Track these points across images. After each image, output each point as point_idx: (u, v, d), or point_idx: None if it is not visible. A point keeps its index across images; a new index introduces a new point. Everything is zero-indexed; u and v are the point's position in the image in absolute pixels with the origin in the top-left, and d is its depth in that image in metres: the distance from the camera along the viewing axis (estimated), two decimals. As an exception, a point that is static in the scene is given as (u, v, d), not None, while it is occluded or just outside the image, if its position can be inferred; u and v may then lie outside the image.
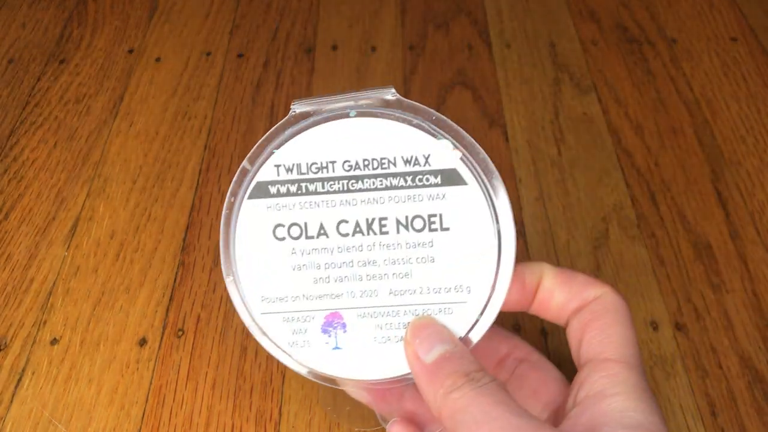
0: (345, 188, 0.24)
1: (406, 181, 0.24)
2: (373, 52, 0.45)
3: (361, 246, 0.24)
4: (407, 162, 0.24)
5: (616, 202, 0.37)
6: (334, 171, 0.24)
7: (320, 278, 0.25)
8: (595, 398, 0.22)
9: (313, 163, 0.24)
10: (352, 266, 0.24)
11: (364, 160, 0.24)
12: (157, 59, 0.45)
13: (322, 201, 0.24)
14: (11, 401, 0.30)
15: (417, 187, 0.24)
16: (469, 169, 0.24)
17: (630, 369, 0.23)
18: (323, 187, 0.24)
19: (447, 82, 0.43)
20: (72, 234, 0.36)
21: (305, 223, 0.24)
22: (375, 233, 0.24)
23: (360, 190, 0.24)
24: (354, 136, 0.24)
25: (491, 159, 0.24)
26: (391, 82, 0.43)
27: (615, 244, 0.35)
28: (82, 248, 0.35)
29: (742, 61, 0.44)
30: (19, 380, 0.31)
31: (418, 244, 0.24)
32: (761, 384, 0.30)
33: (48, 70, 0.44)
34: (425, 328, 0.24)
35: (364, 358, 0.24)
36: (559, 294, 0.25)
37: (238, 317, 0.25)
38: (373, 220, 0.24)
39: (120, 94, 0.43)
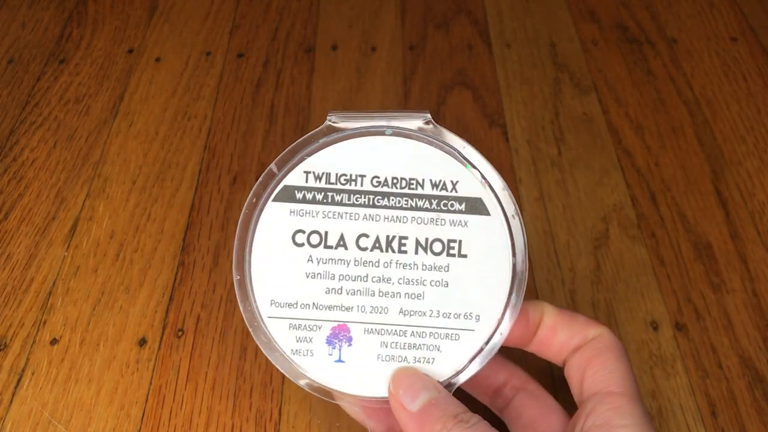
0: (370, 203, 0.25)
1: (431, 204, 0.24)
2: (373, 52, 0.45)
3: (378, 262, 0.24)
4: (435, 186, 0.24)
5: (616, 202, 0.37)
6: (362, 185, 0.25)
7: (333, 289, 0.25)
8: (601, 428, 0.23)
9: (342, 174, 0.25)
10: (366, 281, 0.25)
11: (393, 178, 0.24)
12: (157, 59, 0.45)
13: (346, 213, 0.25)
14: (11, 401, 0.30)
15: (441, 211, 0.24)
16: (493, 201, 0.24)
17: (634, 403, 0.23)
18: (349, 199, 0.25)
19: (447, 82, 0.43)
20: (72, 234, 0.36)
21: (326, 232, 0.25)
22: (393, 251, 0.24)
23: (385, 207, 0.25)
24: (386, 153, 0.25)
25: (491, 160, 0.24)
26: (391, 82, 0.43)
27: (615, 244, 0.35)
28: (81, 248, 0.35)
29: (743, 61, 0.44)
30: (19, 380, 0.30)
31: (435, 267, 0.24)
32: (761, 384, 0.30)
33: (48, 70, 0.44)
34: (407, 377, 0.24)
35: (365, 374, 0.24)
36: (561, 332, 0.26)
37: (241, 317, 0.25)
38: (394, 237, 0.24)
39: (120, 94, 0.43)
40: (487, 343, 0.24)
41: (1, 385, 0.30)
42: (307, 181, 0.25)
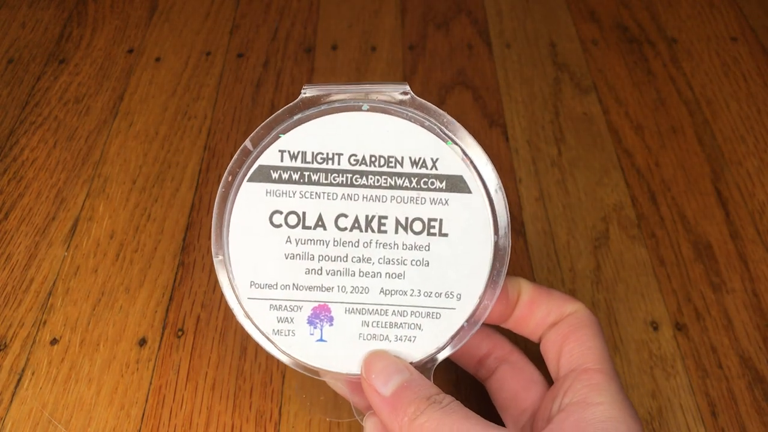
0: (348, 182, 0.24)
1: (410, 183, 0.24)
2: (373, 52, 0.45)
3: (358, 242, 0.24)
4: (414, 163, 0.24)
5: (616, 202, 0.37)
6: (339, 163, 0.24)
7: (312, 269, 0.24)
8: (578, 405, 0.23)
9: (318, 153, 0.24)
10: (346, 261, 0.24)
11: (371, 156, 0.24)
12: (157, 59, 0.45)
13: (324, 192, 0.24)
14: (11, 401, 0.30)
15: (421, 189, 0.24)
16: (475, 178, 0.24)
17: (611, 380, 0.23)
18: (326, 179, 0.24)
19: (447, 82, 0.43)
20: (72, 234, 0.36)
21: (304, 213, 0.24)
22: (373, 231, 0.24)
23: (363, 186, 0.24)
24: (364, 130, 0.24)
25: (492, 160, 0.24)
26: (391, 82, 0.43)
27: (615, 244, 0.35)
28: (81, 248, 0.35)
29: (743, 61, 0.44)
30: (19, 380, 0.30)
31: (415, 247, 0.24)
32: (761, 384, 0.30)
33: (48, 70, 0.44)
34: (379, 360, 0.24)
35: (347, 353, 0.25)
36: (538, 309, 0.26)
37: (224, 298, 0.25)
38: (373, 217, 0.24)
39: (120, 94, 0.43)
40: (468, 321, 0.24)
41: (1, 385, 0.30)
42: (282, 161, 0.24)
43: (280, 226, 0.24)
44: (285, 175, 0.24)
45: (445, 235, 0.24)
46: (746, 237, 0.35)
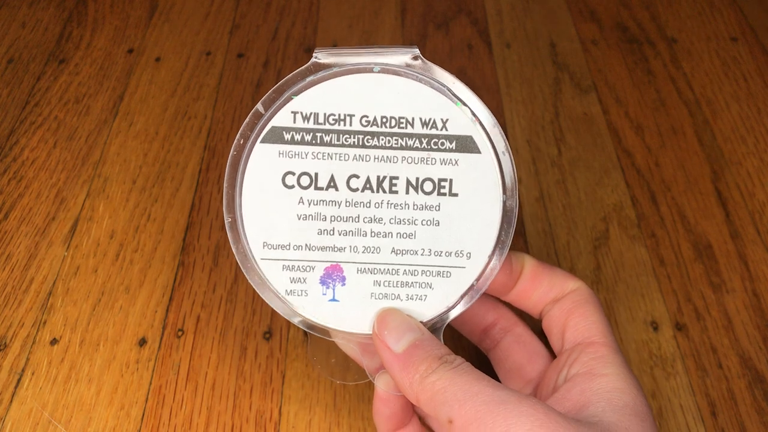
0: (360, 143, 0.24)
1: (421, 143, 0.24)
2: (373, 52, 0.45)
3: (370, 202, 0.24)
4: (425, 124, 0.24)
5: (616, 202, 0.37)
6: (351, 125, 0.24)
7: (325, 230, 0.24)
8: (585, 376, 0.23)
9: (330, 114, 0.24)
10: (358, 221, 0.24)
11: (383, 117, 0.24)
12: (157, 59, 0.45)
13: (336, 153, 0.24)
14: (11, 401, 0.30)
15: (431, 150, 0.24)
16: (484, 139, 0.24)
17: (615, 353, 0.24)
18: (338, 140, 0.24)
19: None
20: (72, 234, 0.36)
21: (316, 174, 0.24)
22: (384, 191, 0.24)
23: (375, 147, 0.24)
24: (375, 92, 0.24)
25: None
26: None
27: (615, 244, 0.35)
28: (81, 248, 0.35)
29: (743, 61, 0.44)
30: (19, 380, 0.30)
31: (426, 207, 0.24)
32: (761, 384, 0.30)
33: (48, 70, 0.44)
34: (391, 318, 0.24)
35: (359, 312, 0.25)
36: (540, 284, 0.26)
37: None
38: (384, 178, 0.24)
39: (120, 94, 0.43)
40: (477, 279, 0.25)
41: (1, 385, 0.30)
42: (294, 122, 0.24)
43: (292, 187, 0.24)
44: (297, 137, 0.24)
45: (455, 195, 0.24)
46: (746, 237, 0.35)
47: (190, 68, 0.44)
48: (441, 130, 0.24)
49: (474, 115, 0.24)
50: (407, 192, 0.24)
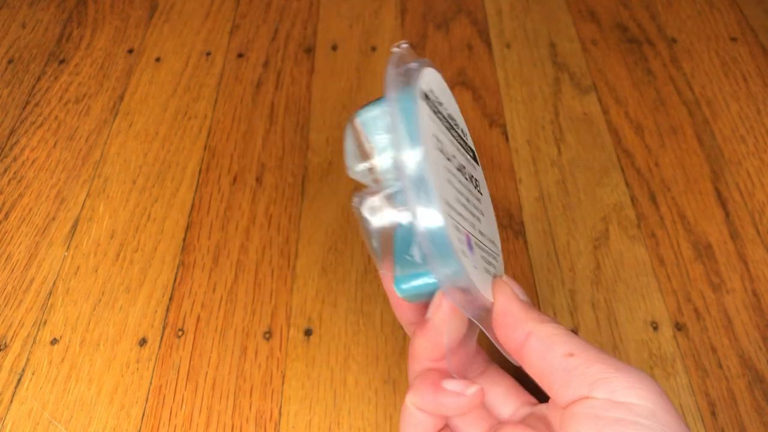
0: (460, 139, 0.26)
1: (466, 142, 0.26)
2: (373, 52, 0.45)
3: (470, 189, 0.25)
4: (462, 130, 0.26)
5: (616, 202, 0.37)
6: (457, 123, 0.26)
7: (458, 200, 0.23)
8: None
9: (440, 103, 0.25)
10: (469, 202, 0.25)
11: (449, 114, 0.25)
12: (157, 59, 0.45)
13: (451, 139, 0.25)
14: (11, 401, 0.30)
15: (467, 151, 0.26)
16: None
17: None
18: (450, 129, 0.25)
19: (447, 82, 0.43)
20: (72, 234, 0.36)
21: (443, 143, 0.23)
22: (468, 180, 0.25)
23: (463, 146, 0.26)
24: (444, 88, 0.26)
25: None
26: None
27: (615, 244, 0.35)
28: (82, 248, 0.35)
29: (742, 61, 0.44)
30: (19, 380, 0.30)
31: (478, 198, 0.26)
32: (761, 384, 0.30)
33: (48, 70, 0.44)
34: (513, 284, 0.25)
35: (482, 280, 0.24)
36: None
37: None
38: (464, 167, 0.25)
39: (120, 94, 0.43)
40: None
41: (1, 385, 0.30)
42: (431, 91, 0.24)
43: (440, 150, 0.23)
44: (433, 107, 0.23)
45: (481, 194, 0.27)
46: (746, 237, 0.35)
47: (190, 68, 0.44)
48: (466, 138, 0.27)
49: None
50: (476, 187, 0.26)
